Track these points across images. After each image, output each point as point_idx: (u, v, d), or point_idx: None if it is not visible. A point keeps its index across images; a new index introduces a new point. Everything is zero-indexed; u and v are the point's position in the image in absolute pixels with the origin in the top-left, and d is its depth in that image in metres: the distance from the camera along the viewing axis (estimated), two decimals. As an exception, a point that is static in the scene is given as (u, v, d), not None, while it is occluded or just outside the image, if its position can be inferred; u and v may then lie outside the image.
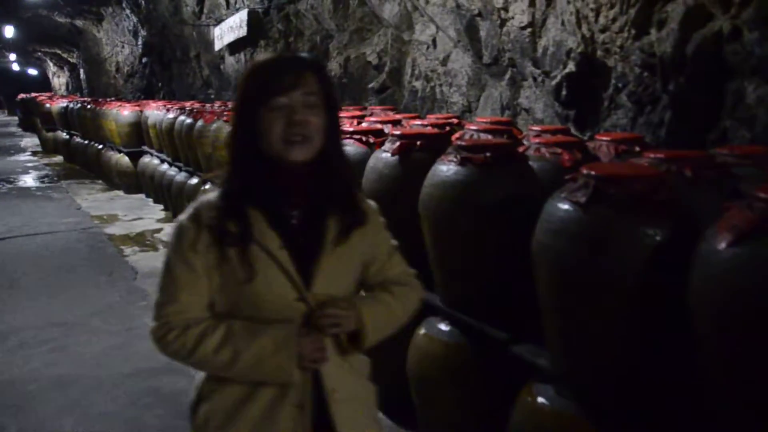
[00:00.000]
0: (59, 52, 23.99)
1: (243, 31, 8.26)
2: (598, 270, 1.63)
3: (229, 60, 9.60)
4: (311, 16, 7.06)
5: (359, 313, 1.36)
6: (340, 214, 1.37)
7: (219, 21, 9.24)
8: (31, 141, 18.05)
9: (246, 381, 1.34)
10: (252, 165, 1.32)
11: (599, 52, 3.37)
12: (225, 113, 5.75)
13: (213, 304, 1.36)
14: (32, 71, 34.76)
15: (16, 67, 34.03)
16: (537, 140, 2.65)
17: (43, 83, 32.33)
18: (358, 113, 4.22)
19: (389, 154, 2.58)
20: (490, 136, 2.86)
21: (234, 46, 9.08)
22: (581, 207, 1.66)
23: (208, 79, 10.85)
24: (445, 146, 2.64)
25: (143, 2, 12.47)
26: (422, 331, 2.52)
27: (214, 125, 5.50)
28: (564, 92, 3.69)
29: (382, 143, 2.75)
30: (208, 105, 7.63)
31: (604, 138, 2.71)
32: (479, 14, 4.53)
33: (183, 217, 1.36)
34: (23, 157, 14.85)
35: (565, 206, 1.70)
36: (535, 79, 4.11)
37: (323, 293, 1.34)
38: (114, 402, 3.13)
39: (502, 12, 4.24)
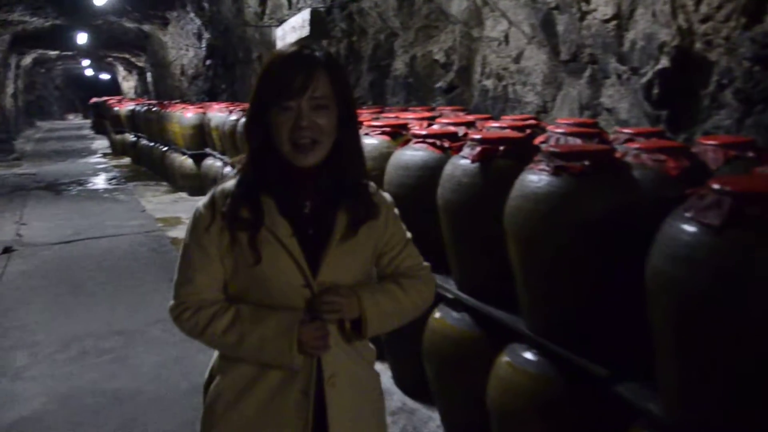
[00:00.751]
0: (128, 56, 24.65)
1: (305, 31, 8.12)
2: (735, 307, 1.34)
3: (292, 61, 9.50)
4: (375, 14, 6.86)
5: (360, 301, 1.39)
6: (351, 207, 1.40)
7: (281, 21, 9.15)
8: (101, 143, 18.54)
9: (253, 363, 1.39)
10: (266, 158, 1.36)
11: (699, 45, 3.03)
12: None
13: (227, 287, 1.42)
14: (104, 76, 35.91)
15: (89, 72, 35.20)
16: (635, 145, 2.35)
17: (115, 87, 33.36)
18: (427, 114, 3.97)
19: (469, 161, 2.33)
20: (579, 141, 2.56)
21: (296, 47, 8.97)
22: (715, 231, 1.37)
23: (271, 81, 10.79)
24: (530, 152, 2.37)
25: (207, 5, 12.56)
26: (505, 358, 2.26)
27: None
28: (655, 90, 3.36)
29: (459, 148, 2.50)
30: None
31: (710, 142, 2.40)
32: (556, 7, 4.22)
33: (200, 203, 1.42)
34: (94, 159, 15.23)
35: (692, 229, 1.41)
36: (619, 77, 3.78)
37: (329, 281, 1.37)
38: (172, 420, 2.98)
39: (582, 4, 3.93)
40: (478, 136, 2.36)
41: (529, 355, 2.19)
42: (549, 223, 1.92)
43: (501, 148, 2.30)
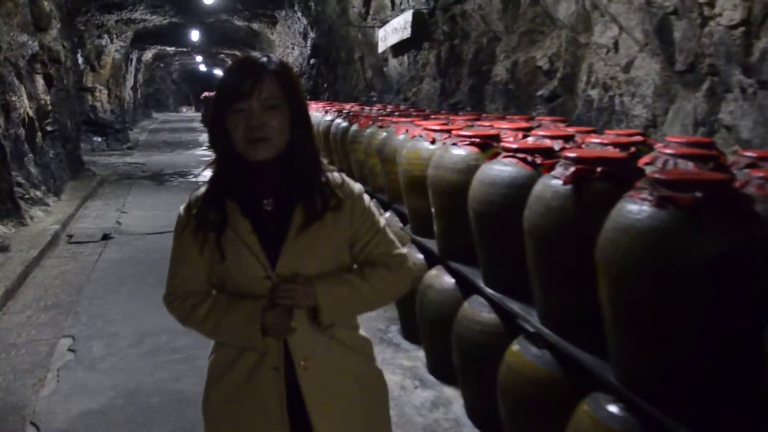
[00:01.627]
0: (238, 53, 25.48)
1: (407, 33, 7.98)
2: None
3: (392, 62, 9.39)
4: (478, 17, 6.60)
5: (314, 291, 1.48)
6: (307, 201, 1.50)
7: (384, 22, 9.05)
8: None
9: (230, 346, 1.55)
10: (228, 161, 1.50)
11: (844, 58, 2.61)
12: (381, 118, 5.43)
13: (210, 278, 1.57)
14: (217, 71, 37.39)
15: (203, 67, 36.75)
16: (759, 173, 2.01)
17: (226, 82, 34.54)
18: (524, 125, 3.68)
19: (560, 182, 2.06)
20: (691, 164, 2.24)
21: (397, 48, 8.85)
22: None
23: (371, 82, 10.74)
24: (632, 174, 2.08)
25: (313, 5, 12.69)
26: (586, 408, 1.98)
27: (368, 130, 5.18)
28: (787, 108, 2.95)
29: (552, 166, 2.23)
30: (367, 108, 7.41)
31: None
32: (674, 12, 3.83)
33: (181, 207, 1.58)
34: (199, 151, 15.79)
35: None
36: (743, 91, 3.37)
37: (287, 272, 1.48)
38: None
39: (705, 8, 3.53)
40: (572, 155, 2.08)
41: (613, 409, 1.90)
42: (648, 263, 1.63)
43: (598, 169, 2.02)
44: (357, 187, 1.60)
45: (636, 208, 1.69)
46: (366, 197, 1.60)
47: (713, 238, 1.56)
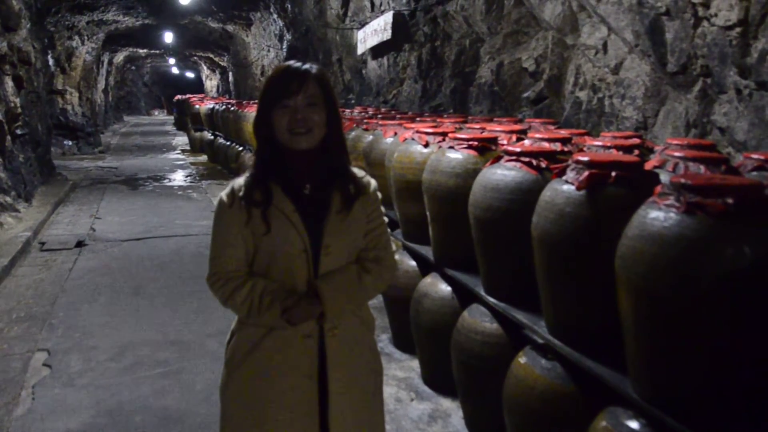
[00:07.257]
0: (211, 56, 25.18)
1: (387, 35, 7.88)
2: None
3: (372, 64, 9.28)
4: (461, 18, 6.53)
5: (324, 308, 1.66)
6: (342, 188, 1.70)
7: (363, 24, 8.94)
8: (182, 140, 18.92)
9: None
10: (270, 150, 1.68)
11: None
12: (365, 120, 5.31)
13: (247, 258, 1.71)
14: (189, 74, 36.94)
15: (175, 70, 36.27)
16: (776, 176, 1.94)
17: (199, 85, 34.24)
18: (516, 127, 3.59)
19: (573, 187, 1.96)
20: (703, 168, 2.16)
21: (377, 50, 8.74)
22: None
23: (350, 84, 10.62)
24: (647, 179, 2.00)
25: (290, 6, 12.53)
26: (603, 423, 1.89)
27: (353, 133, 5.04)
28: (786, 109, 2.90)
29: (558, 170, 2.14)
30: (347, 111, 7.28)
31: None
32: (666, 12, 3.78)
33: (222, 193, 1.72)
34: (172, 155, 15.51)
35: None
36: (739, 92, 3.32)
37: (332, 244, 1.67)
38: (220, 450, 2.72)
39: (699, 8, 3.48)
40: (585, 158, 1.99)
41: (634, 425, 1.81)
42: (678, 274, 1.54)
43: (613, 173, 1.93)
44: (373, 181, 1.79)
45: (662, 215, 1.60)
46: (379, 193, 1.79)
47: (748, 247, 1.47)
